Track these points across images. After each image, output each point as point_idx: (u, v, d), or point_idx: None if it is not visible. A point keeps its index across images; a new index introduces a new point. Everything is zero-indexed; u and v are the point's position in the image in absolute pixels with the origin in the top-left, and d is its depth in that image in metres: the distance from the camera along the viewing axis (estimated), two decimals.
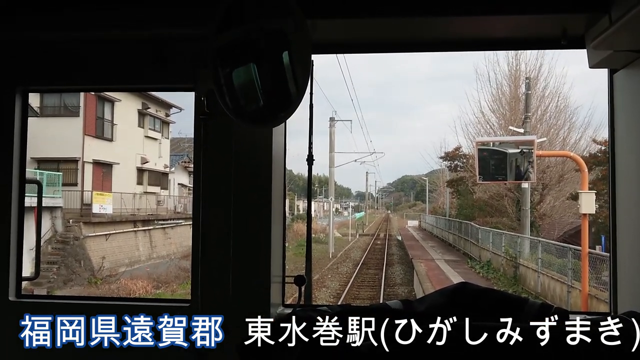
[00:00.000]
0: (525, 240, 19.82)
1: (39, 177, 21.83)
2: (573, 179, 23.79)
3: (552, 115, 26.30)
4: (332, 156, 34.62)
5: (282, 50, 2.00)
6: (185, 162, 38.51)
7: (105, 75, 2.65)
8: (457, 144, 33.42)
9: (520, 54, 26.44)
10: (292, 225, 36.99)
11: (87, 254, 23.92)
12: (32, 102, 23.23)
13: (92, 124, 27.43)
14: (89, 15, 2.45)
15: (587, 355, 1.72)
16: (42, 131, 22.60)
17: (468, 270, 22.34)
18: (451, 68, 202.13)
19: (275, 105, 2.08)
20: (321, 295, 19.08)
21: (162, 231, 30.99)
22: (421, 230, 50.49)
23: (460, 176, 32.58)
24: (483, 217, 28.27)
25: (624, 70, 2.36)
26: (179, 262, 26.07)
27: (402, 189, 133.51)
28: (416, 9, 2.30)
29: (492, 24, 2.42)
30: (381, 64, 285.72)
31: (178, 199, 36.83)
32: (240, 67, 2.05)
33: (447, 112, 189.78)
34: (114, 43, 2.58)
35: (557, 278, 15.95)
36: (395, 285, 21.86)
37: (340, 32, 2.54)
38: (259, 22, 2.03)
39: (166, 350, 2.15)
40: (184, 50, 2.50)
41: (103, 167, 28.60)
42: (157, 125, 33.96)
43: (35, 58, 2.63)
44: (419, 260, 24.31)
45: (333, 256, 30.46)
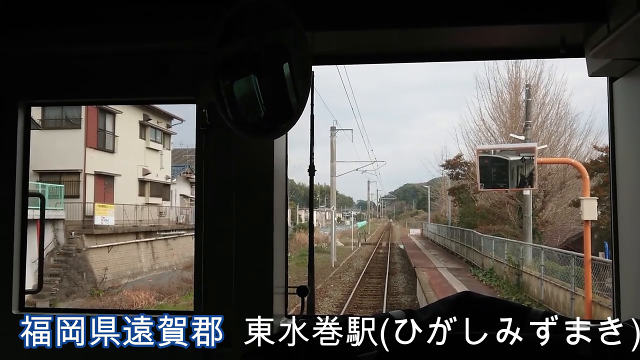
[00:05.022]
0: (528, 248, 19.76)
1: (41, 189, 21.88)
2: (575, 186, 23.77)
3: (552, 122, 26.31)
4: (333, 165, 34.66)
5: (283, 62, 2.01)
6: (187, 173, 38.52)
7: (108, 88, 2.67)
8: (458, 151, 33.44)
9: (520, 62, 26.48)
10: (294, 235, 36.91)
11: (89, 265, 23.89)
12: (34, 114, 23.29)
13: (94, 136, 27.49)
14: (90, 30, 2.47)
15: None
16: (44, 144, 22.63)
17: (471, 278, 22.27)
18: (451, 76, 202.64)
19: (276, 117, 2.08)
20: (324, 304, 18.99)
21: (164, 242, 30.96)
22: (423, 239, 50.36)
23: (461, 184, 32.53)
24: (485, 225, 28.22)
25: (624, 78, 2.37)
26: (181, 273, 26.07)
27: (404, 197, 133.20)
28: (416, 20, 2.31)
29: (492, 33, 2.43)
30: (381, 72, 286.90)
31: (180, 210, 36.81)
32: (241, 79, 2.07)
33: (448, 120, 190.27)
34: (116, 56, 2.60)
35: (560, 285, 15.89)
36: (398, 294, 21.78)
37: (341, 43, 2.56)
38: (260, 35, 2.04)
39: (166, 350, 2.15)
40: (185, 62, 2.51)
41: (105, 179, 28.62)
42: (158, 137, 34.03)
43: (38, 72, 2.65)
44: (421, 268, 24.25)
45: (335, 265, 30.39)
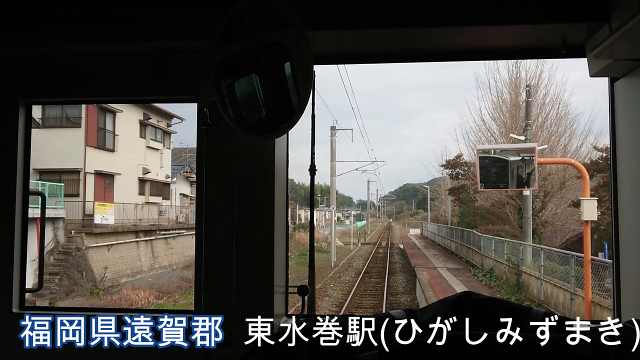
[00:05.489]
0: (528, 248, 19.76)
1: (40, 188, 21.91)
2: (574, 186, 23.79)
3: (552, 122, 26.34)
4: (333, 165, 34.66)
5: (284, 62, 2.01)
6: (187, 172, 38.54)
7: (109, 87, 2.67)
8: (458, 151, 33.49)
9: (520, 62, 26.52)
10: (294, 234, 36.92)
11: (89, 264, 23.90)
12: (34, 113, 23.31)
13: (94, 134, 27.50)
14: (92, 30, 2.47)
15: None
16: (44, 142, 22.65)
17: (470, 278, 22.26)
18: (451, 76, 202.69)
19: (278, 116, 2.08)
20: (324, 304, 19.00)
21: (164, 241, 30.97)
22: (423, 239, 50.38)
23: (461, 184, 32.55)
24: (485, 225, 28.24)
25: (625, 79, 2.37)
26: (181, 272, 26.08)
27: (404, 197, 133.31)
28: (417, 20, 2.31)
29: (493, 33, 2.43)
30: (381, 73, 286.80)
31: (180, 209, 36.83)
32: (242, 79, 2.06)
33: (448, 120, 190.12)
34: (118, 56, 2.60)
35: (560, 285, 15.90)
36: (398, 294, 21.78)
37: (342, 43, 2.55)
38: (261, 34, 2.04)
39: (166, 350, 2.15)
40: (187, 61, 2.51)
41: (105, 178, 28.63)
42: (158, 136, 34.04)
43: (40, 71, 2.65)
44: (421, 268, 24.24)
45: (335, 265, 30.40)
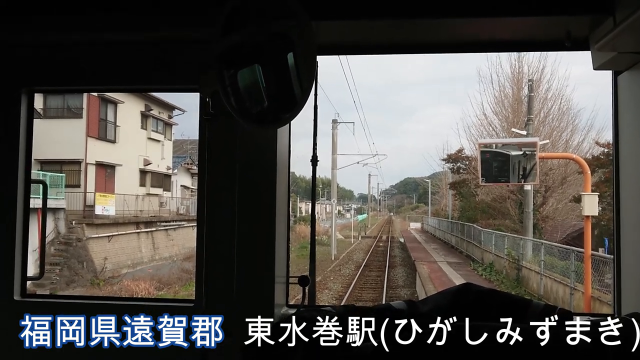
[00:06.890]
0: (528, 243, 19.80)
1: (42, 178, 21.89)
2: (576, 182, 23.77)
3: (554, 117, 26.33)
4: (334, 158, 34.61)
5: (287, 52, 1.99)
6: (188, 163, 38.52)
7: (112, 77, 2.66)
8: (459, 146, 33.46)
9: (522, 56, 26.47)
10: (295, 227, 36.94)
11: (89, 255, 23.96)
12: (36, 103, 23.34)
13: (95, 125, 27.49)
14: (94, 18, 2.46)
15: (587, 355, 1.73)
16: (45, 133, 22.65)
17: (470, 272, 22.31)
18: (453, 70, 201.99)
19: (280, 107, 2.07)
20: (323, 297, 19.04)
21: (164, 233, 31.02)
22: (424, 233, 50.40)
23: (462, 178, 32.51)
24: (485, 220, 28.24)
25: (629, 72, 2.37)
26: (182, 263, 26.12)
27: (405, 191, 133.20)
28: (420, 11, 2.30)
29: (497, 25, 2.42)
30: (383, 66, 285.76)
31: (180, 201, 36.86)
32: (245, 69, 2.06)
33: (450, 114, 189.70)
34: (120, 45, 2.59)
35: (559, 280, 15.94)
36: (398, 287, 21.83)
37: (345, 33, 2.54)
38: (264, 24, 2.03)
39: (166, 350, 2.15)
40: (189, 51, 2.51)
41: (106, 169, 28.65)
42: (159, 127, 34.02)
43: (42, 59, 2.64)
44: (421, 262, 24.29)
45: (335, 258, 30.43)
